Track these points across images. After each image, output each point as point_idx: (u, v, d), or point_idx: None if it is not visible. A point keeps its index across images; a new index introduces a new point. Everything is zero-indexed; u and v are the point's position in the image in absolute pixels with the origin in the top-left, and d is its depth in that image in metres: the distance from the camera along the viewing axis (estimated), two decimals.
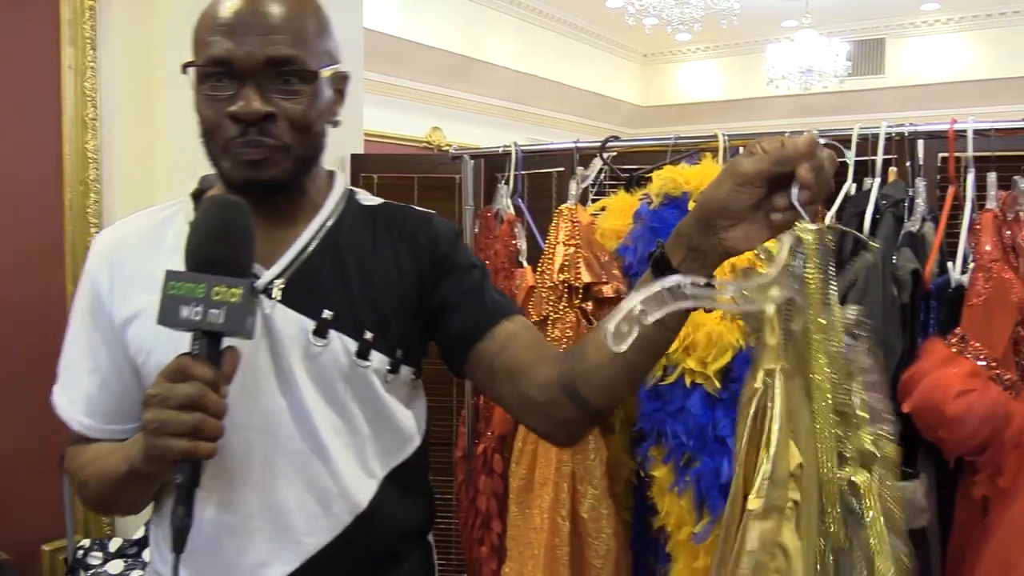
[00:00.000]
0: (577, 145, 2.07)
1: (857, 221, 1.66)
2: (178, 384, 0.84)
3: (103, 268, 1.06)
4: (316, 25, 1.03)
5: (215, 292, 0.84)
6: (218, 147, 0.99)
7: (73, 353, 1.09)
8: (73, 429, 1.09)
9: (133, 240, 1.08)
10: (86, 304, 1.07)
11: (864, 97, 9.15)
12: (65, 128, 2.47)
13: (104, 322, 1.06)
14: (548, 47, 8.87)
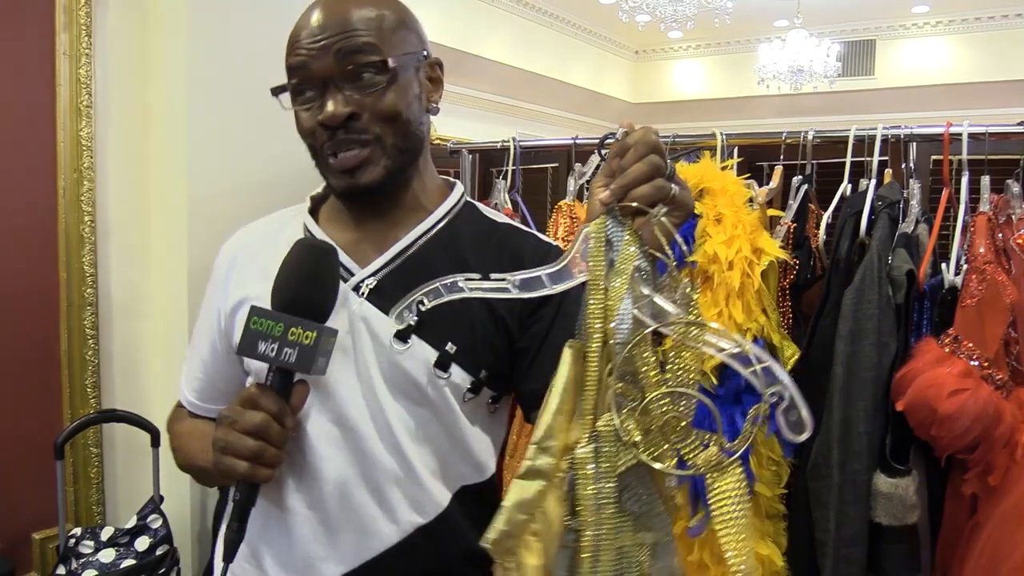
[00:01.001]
0: (575, 141, 2.08)
1: (854, 222, 1.67)
2: (248, 411, 0.92)
3: (226, 259, 1.16)
4: (387, 17, 1.04)
5: (291, 332, 0.91)
6: (320, 159, 1.04)
7: (195, 335, 1.20)
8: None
9: (258, 235, 1.17)
10: (208, 292, 1.18)
11: (854, 98, 9.20)
12: (59, 116, 2.44)
13: (214, 308, 1.14)
14: (541, 43, 8.87)
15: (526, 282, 0.87)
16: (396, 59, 1.02)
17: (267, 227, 1.17)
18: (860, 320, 1.58)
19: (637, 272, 0.82)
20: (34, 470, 2.28)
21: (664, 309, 0.80)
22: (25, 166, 2.40)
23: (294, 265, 0.95)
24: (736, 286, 1.60)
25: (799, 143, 1.86)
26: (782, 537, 1.67)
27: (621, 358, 0.80)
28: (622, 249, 0.82)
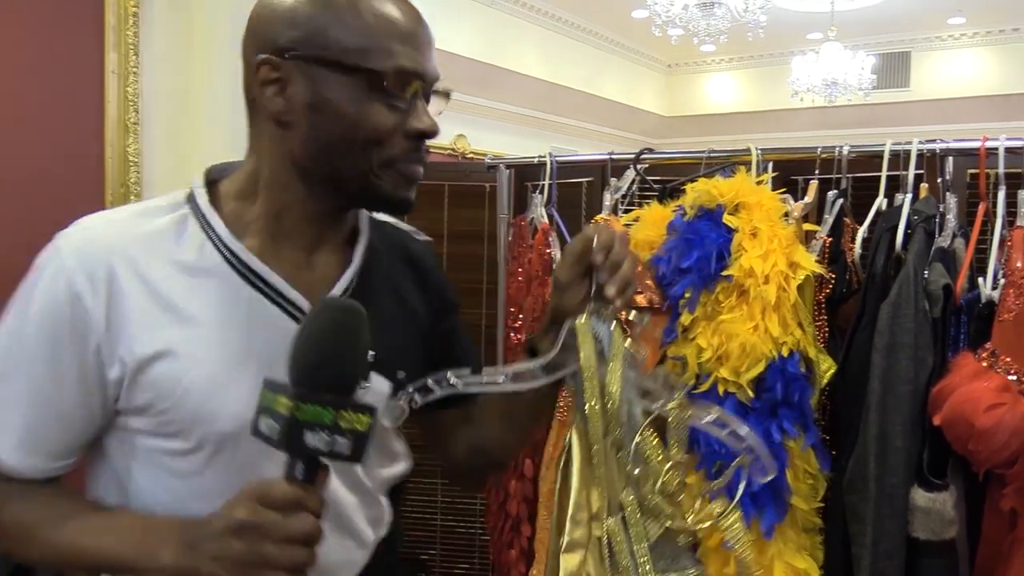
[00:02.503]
0: (612, 156, 2.10)
1: (889, 236, 1.68)
2: (294, 516, 0.75)
3: (89, 285, 0.87)
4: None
5: (342, 418, 0.75)
6: (380, 160, 0.90)
7: (21, 380, 0.89)
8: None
9: (134, 251, 0.89)
10: (52, 325, 0.87)
11: (889, 110, 9.13)
12: (108, 132, 2.52)
13: (83, 352, 0.88)
14: (573, 57, 8.92)
15: (518, 375, 0.94)
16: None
17: (141, 239, 0.90)
18: (896, 334, 1.58)
19: (626, 361, 0.94)
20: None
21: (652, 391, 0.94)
22: (75, 180, 2.48)
23: (326, 334, 0.78)
24: (772, 300, 1.61)
25: (834, 158, 1.87)
26: (818, 551, 1.67)
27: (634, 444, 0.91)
28: (613, 340, 0.94)
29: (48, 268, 0.89)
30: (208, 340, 0.88)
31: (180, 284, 0.89)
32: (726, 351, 1.62)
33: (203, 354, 0.88)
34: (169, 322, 0.88)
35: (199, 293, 0.89)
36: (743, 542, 1.06)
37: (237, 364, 0.89)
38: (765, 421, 1.59)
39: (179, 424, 0.88)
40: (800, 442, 1.62)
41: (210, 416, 0.88)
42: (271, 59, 0.89)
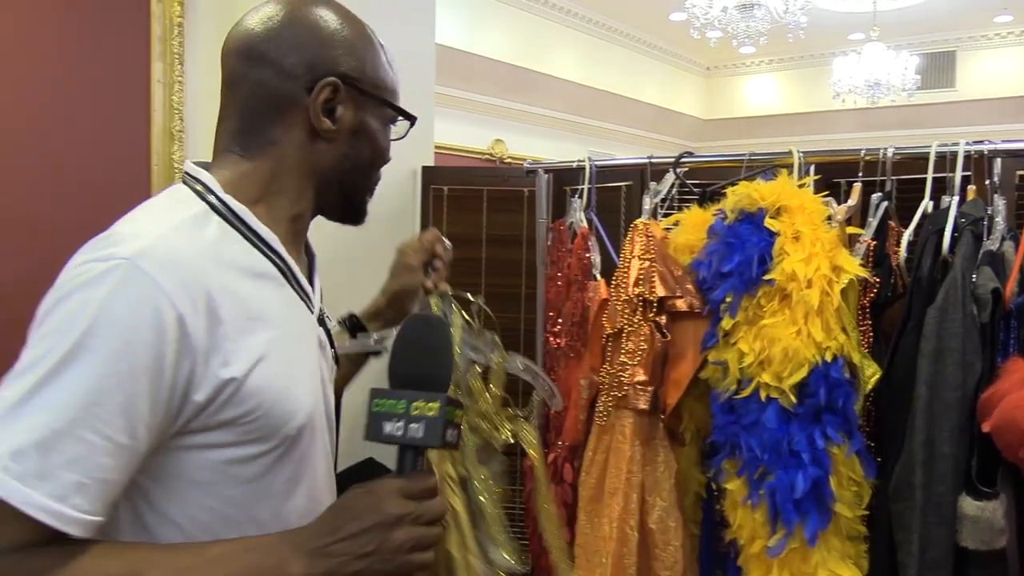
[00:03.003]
0: (651, 160, 2.10)
1: (936, 239, 1.65)
2: (430, 502, 0.88)
3: (191, 306, 0.81)
4: None
5: (414, 407, 0.87)
6: (373, 180, 1.05)
7: (92, 421, 0.77)
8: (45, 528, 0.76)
9: (210, 268, 0.86)
10: (150, 353, 0.79)
11: (934, 111, 8.97)
12: (154, 140, 2.57)
13: (174, 380, 0.81)
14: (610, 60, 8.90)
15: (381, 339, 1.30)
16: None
17: (209, 248, 0.88)
18: (943, 339, 1.55)
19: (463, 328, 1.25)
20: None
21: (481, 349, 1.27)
22: (123, 187, 2.53)
23: (416, 341, 0.93)
24: (815, 304, 1.59)
25: (878, 160, 1.84)
26: (863, 559, 1.64)
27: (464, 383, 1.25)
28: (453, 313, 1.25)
29: (133, 289, 0.79)
30: (282, 341, 0.91)
31: (253, 290, 0.90)
32: (768, 356, 1.60)
33: (283, 355, 0.90)
34: (257, 330, 0.88)
35: (265, 296, 0.91)
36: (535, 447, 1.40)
37: (299, 360, 0.95)
38: (808, 427, 1.58)
39: (265, 428, 0.88)
40: (844, 449, 1.59)
41: (290, 414, 0.91)
42: (337, 83, 0.96)
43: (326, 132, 0.96)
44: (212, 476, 0.88)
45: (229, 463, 0.88)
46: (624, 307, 1.85)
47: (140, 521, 0.87)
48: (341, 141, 0.98)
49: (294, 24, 0.97)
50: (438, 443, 0.88)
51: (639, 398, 1.83)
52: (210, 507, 0.88)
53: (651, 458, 1.86)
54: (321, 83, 0.95)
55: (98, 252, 0.81)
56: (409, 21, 2.80)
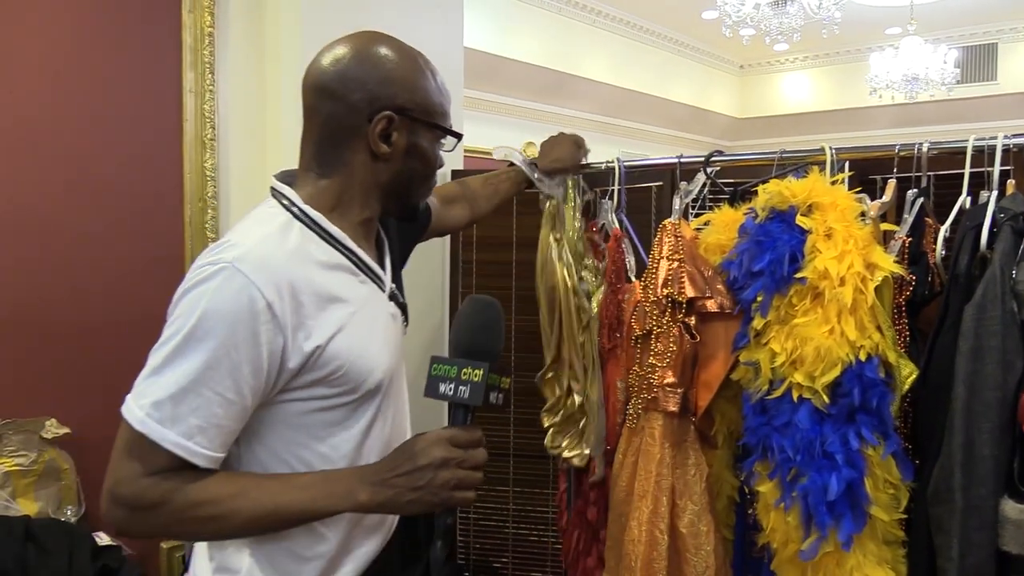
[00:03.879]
0: (680, 159, 2.07)
1: (974, 235, 1.61)
2: (472, 450, 1.11)
3: (277, 295, 1.07)
4: None
5: (464, 373, 1.09)
6: (427, 187, 1.29)
7: (209, 381, 1.05)
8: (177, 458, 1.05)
9: (293, 265, 1.11)
10: (247, 332, 1.05)
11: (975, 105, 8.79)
12: (186, 148, 2.60)
13: (270, 352, 1.07)
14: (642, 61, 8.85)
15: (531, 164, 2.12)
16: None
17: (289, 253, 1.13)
18: (982, 337, 1.51)
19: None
20: None
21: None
22: (157, 195, 2.56)
23: (474, 319, 1.15)
24: (848, 302, 1.56)
25: (913, 155, 1.80)
26: (901, 564, 1.60)
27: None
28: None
29: (231, 285, 1.05)
30: (357, 315, 1.17)
31: (329, 278, 1.15)
32: (800, 355, 1.57)
33: (358, 325, 1.17)
34: (334, 307, 1.14)
35: (340, 282, 1.17)
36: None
37: (374, 329, 1.22)
38: (842, 427, 1.54)
39: (349, 382, 1.16)
40: (880, 450, 1.56)
41: (368, 371, 1.18)
42: (393, 117, 1.19)
43: (383, 155, 1.20)
44: (308, 420, 1.15)
45: (321, 410, 1.15)
46: (653, 308, 1.83)
47: (256, 457, 1.16)
48: (397, 160, 1.22)
49: (358, 65, 1.20)
50: (481, 403, 1.09)
51: (668, 400, 1.81)
52: (306, 444, 1.16)
53: (681, 461, 1.84)
54: (378, 116, 1.18)
55: (212, 257, 1.08)
56: (437, 25, 2.81)
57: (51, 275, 2.35)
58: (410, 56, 1.24)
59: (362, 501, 1.10)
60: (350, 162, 1.21)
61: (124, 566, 2.22)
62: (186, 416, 1.04)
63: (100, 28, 2.44)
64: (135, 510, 1.06)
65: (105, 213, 2.45)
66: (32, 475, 2.23)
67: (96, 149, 2.44)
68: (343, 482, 1.12)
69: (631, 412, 1.89)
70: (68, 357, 2.37)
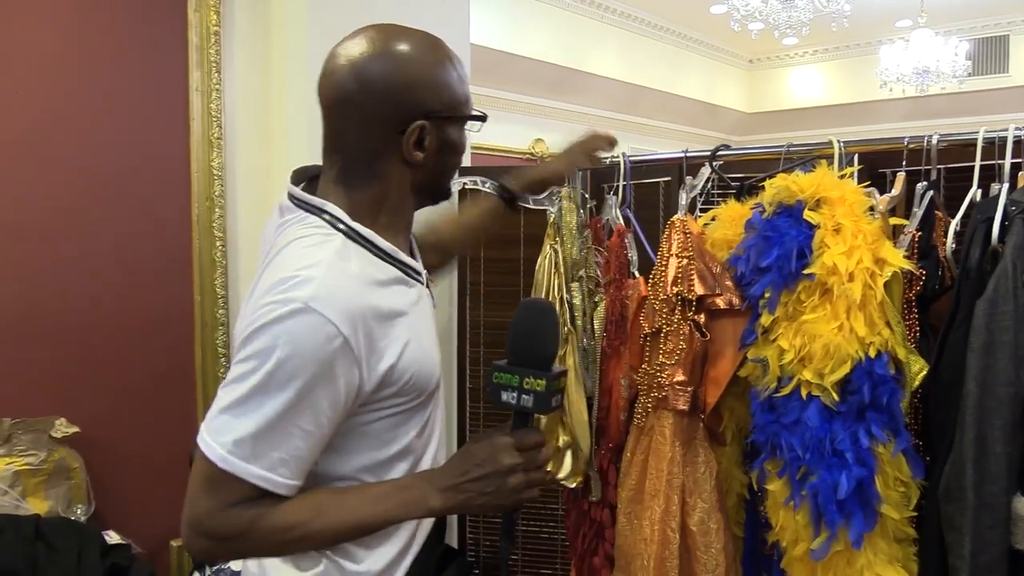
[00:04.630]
0: (687, 154, 2.06)
1: (985, 228, 1.59)
2: (536, 452, 1.15)
3: (352, 330, 1.07)
4: None
5: (526, 382, 1.11)
6: (456, 169, 1.28)
7: (291, 418, 1.06)
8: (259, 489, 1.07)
9: (361, 292, 1.12)
10: (327, 369, 1.06)
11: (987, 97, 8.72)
12: (193, 147, 2.60)
13: (347, 383, 1.08)
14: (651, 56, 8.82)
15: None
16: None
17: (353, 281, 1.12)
18: (994, 332, 1.49)
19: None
20: (172, 481, 2.42)
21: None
22: (164, 194, 2.57)
23: (528, 325, 1.15)
24: (857, 298, 1.54)
25: (923, 148, 1.78)
26: (912, 563, 1.59)
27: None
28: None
29: (309, 325, 1.05)
30: (415, 323, 1.18)
31: (389, 295, 1.15)
32: (809, 352, 1.56)
33: (418, 334, 1.18)
34: (398, 323, 1.15)
35: (397, 295, 1.17)
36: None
37: (427, 328, 1.24)
38: (852, 425, 1.53)
39: (417, 389, 1.18)
40: (890, 447, 1.54)
41: (431, 375, 1.21)
42: (425, 124, 1.17)
43: (418, 161, 1.19)
44: (377, 427, 1.17)
45: (391, 415, 1.17)
46: (662, 306, 1.82)
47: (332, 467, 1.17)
48: (430, 160, 1.20)
49: (380, 70, 1.15)
50: (546, 410, 1.13)
51: (678, 399, 1.80)
52: (373, 447, 1.18)
53: (691, 459, 1.83)
54: (412, 127, 1.16)
55: (284, 295, 1.06)
56: (443, 23, 2.80)
57: (59, 275, 2.35)
58: (430, 48, 1.20)
59: (435, 507, 1.14)
60: (385, 173, 1.19)
61: (133, 564, 2.23)
62: (268, 452, 1.06)
63: (106, 28, 2.44)
64: (219, 540, 1.09)
65: (113, 213, 2.46)
66: (42, 474, 2.24)
67: (103, 149, 2.44)
68: (415, 490, 1.15)
69: (639, 411, 1.88)
70: (77, 356, 2.37)
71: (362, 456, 1.18)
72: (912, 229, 1.69)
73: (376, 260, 1.17)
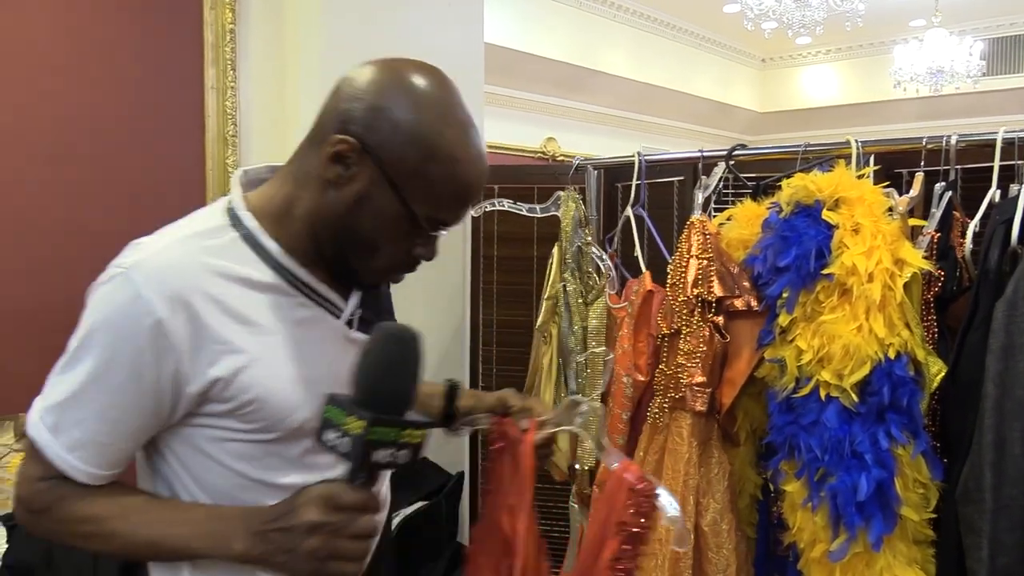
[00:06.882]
0: (703, 153, 2.05)
1: (1004, 229, 1.58)
2: (360, 516, 0.88)
3: (169, 310, 0.93)
4: None
5: (403, 435, 0.87)
6: (375, 266, 1.03)
7: (91, 395, 0.96)
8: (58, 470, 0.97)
9: (203, 274, 0.97)
10: (131, 349, 0.94)
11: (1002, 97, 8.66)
12: (208, 145, 2.61)
13: (159, 374, 0.95)
14: (664, 55, 8.80)
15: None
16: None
17: (206, 258, 0.98)
18: (1013, 335, 1.48)
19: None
20: None
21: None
22: (179, 192, 2.57)
23: (388, 360, 0.89)
24: (876, 299, 1.53)
25: (941, 148, 1.77)
26: (930, 564, 1.58)
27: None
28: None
29: (120, 295, 0.94)
30: (279, 344, 0.99)
31: (247, 299, 0.98)
32: (828, 353, 1.55)
33: (279, 357, 0.98)
34: (248, 334, 0.97)
35: (263, 305, 0.99)
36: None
37: (303, 363, 1.01)
38: (871, 427, 1.52)
39: (265, 420, 0.98)
40: (910, 449, 1.53)
41: (288, 410, 0.99)
42: (354, 145, 0.96)
43: (330, 180, 0.98)
44: (217, 448, 1.00)
45: (234, 443, 0.99)
46: (682, 307, 1.81)
47: (180, 480, 1.02)
48: (345, 199, 0.98)
49: (373, 90, 0.98)
50: (360, 462, 0.87)
51: (696, 400, 1.79)
52: (223, 475, 1.00)
53: (705, 459, 1.82)
54: (342, 137, 0.96)
55: (115, 260, 0.97)
56: (458, 21, 2.80)
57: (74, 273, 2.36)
58: (453, 122, 0.98)
59: (237, 551, 0.92)
60: (308, 169, 1.01)
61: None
62: (70, 427, 0.96)
63: (122, 26, 2.45)
64: (29, 512, 1.01)
65: (127, 210, 2.46)
66: None
67: (118, 147, 2.45)
68: (227, 524, 0.95)
69: (655, 410, 1.87)
70: None
71: (209, 484, 1.01)
72: (931, 230, 1.68)
73: (255, 258, 1.00)
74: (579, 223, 2.16)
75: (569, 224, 2.15)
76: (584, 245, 2.16)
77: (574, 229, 2.15)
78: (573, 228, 2.15)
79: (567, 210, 2.15)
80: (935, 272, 1.64)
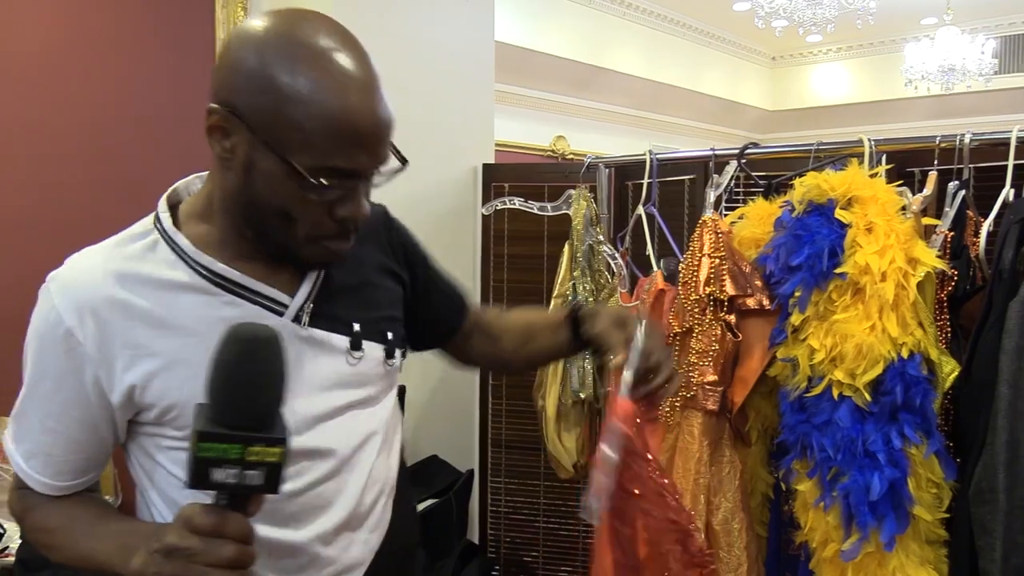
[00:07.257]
0: (714, 152, 2.05)
1: (1018, 229, 1.57)
2: (214, 542, 0.78)
3: (77, 320, 0.93)
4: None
5: (251, 453, 0.75)
6: (305, 236, 0.95)
7: (31, 406, 0.98)
8: (22, 479, 1.00)
9: (113, 281, 0.95)
10: (51, 360, 0.95)
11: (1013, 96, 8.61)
12: None
13: (80, 383, 0.94)
14: (674, 53, 8.78)
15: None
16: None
17: (116, 269, 0.96)
18: None
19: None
20: None
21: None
22: None
23: (237, 367, 0.76)
24: (890, 298, 1.53)
25: (955, 147, 1.76)
26: (943, 564, 1.57)
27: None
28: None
29: (42, 306, 0.96)
30: (199, 347, 0.89)
31: (162, 301, 0.95)
32: (840, 352, 1.55)
33: (200, 360, 0.81)
34: (161, 337, 0.94)
35: (181, 306, 0.95)
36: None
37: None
38: (884, 426, 1.52)
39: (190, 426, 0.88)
40: (923, 449, 1.53)
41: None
42: (221, 111, 0.90)
43: (221, 157, 0.93)
44: (167, 460, 0.98)
45: (177, 451, 0.95)
46: (694, 306, 1.81)
47: (147, 491, 1.02)
48: (239, 171, 0.92)
49: (229, 50, 0.93)
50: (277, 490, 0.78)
51: (708, 399, 1.79)
52: (174, 485, 0.98)
53: (717, 458, 1.82)
54: (212, 107, 0.91)
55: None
56: (469, 19, 2.80)
57: None
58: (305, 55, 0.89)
59: (134, 567, 0.85)
60: (214, 161, 0.96)
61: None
62: (24, 437, 0.99)
63: (133, 25, 2.45)
64: (14, 517, 1.04)
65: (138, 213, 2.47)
66: None
67: (129, 147, 2.46)
68: (136, 539, 0.87)
69: (666, 409, 1.87)
70: None
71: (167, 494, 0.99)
72: (944, 229, 1.68)
73: (176, 260, 0.96)
74: (590, 221, 2.17)
75: (580, 222, 2.16)
76: (595, 243, 2.17)
77: (585, 227, 2.16)
78: (584, 226, 2.16)
79: (578, 208, 2.16)
80: (948, 271, 1.63)
